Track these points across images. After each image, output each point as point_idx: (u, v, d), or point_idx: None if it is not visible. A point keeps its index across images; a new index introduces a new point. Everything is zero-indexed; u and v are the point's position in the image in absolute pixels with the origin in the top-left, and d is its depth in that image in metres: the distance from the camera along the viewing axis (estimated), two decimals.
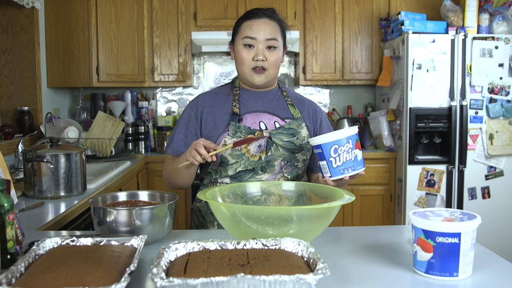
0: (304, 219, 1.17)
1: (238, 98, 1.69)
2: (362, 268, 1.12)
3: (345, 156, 1.34)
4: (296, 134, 1.65)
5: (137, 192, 1.43)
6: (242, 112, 1.67)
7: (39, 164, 1.98)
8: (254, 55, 1.62)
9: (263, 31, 1.61)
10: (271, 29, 1.63)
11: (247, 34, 1.61)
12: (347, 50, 3.94)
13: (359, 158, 1.36)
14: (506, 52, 3.46)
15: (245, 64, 1.63)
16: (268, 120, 1.66)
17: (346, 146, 1.34)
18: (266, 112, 1.68)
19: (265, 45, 1.61)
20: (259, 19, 1.63)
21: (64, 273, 0.88)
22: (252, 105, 1.69)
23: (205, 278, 0.83)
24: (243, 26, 1.64)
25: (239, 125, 1.62)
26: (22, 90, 3.25)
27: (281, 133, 1.63)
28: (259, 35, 1.61)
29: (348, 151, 1.34)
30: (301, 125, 1.67)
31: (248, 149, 1.60)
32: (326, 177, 1.41)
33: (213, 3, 3.81)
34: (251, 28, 1.62)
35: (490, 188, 3.51)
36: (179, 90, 4.23)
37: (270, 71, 1.64)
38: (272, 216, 1.17)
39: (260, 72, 1.63)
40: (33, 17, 3.22)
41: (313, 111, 1.75)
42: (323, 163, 1.37)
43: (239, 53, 1.64)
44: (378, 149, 3.84)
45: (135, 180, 3.23)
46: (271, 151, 1.61)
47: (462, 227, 1.01)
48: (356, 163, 1.35)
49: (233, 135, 1.60)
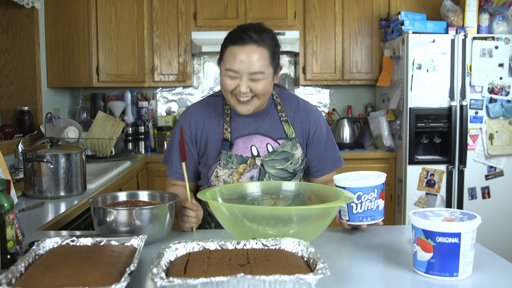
0: (304, 219, 1.17)
1: (229, 120, 1.60)
2: (362, 268, 1.12)
3: (367, 204, 1.31)
4: (290, 158, 1.59)
5: (137, 192, 1.43)
6: (233, 137, 1.59)
7: (39, 164, 1.98)
8: (236, 86, 1.47)
9: (246, 63, 1.44)
10: (257, 60, 1.45)
11: (229, 67, 1.46)
12: (347, 50, 3.94)
13: (380, 208, 1.33)
14: (506, 52, 3.46)
15: (228, 92, 1.51)
16: (260, 143, 1.59)
17: (371, 195, 1.31)
18: (258, 133, 1.60)
19: (249, 78, 1.46)
20: (244, 46, 1.45)
21: (64, 273, 0.88)
22: (244, 127, 1.61)
23: (205, 278, 0.83)
24: (227, 53, 1.48)
25: (231, 154, 1.56)
26: (22, 90, 3.25)
27: (274, 159, 1.57)
28: (243, 67, 1.44)
29: (371, 200, 1.31)
30: (295, 146, 1.60)
31: (240, 180, 1.57)
32: (344, 219, 1.37)
33: (213, 3, 3.81)
34: (234, 59, 1.45)
35: (490, 188, 3.51)
36: (179, 90, 4.23)
37: (256, 100, 1.51)
38: (273, 216, 1.17)
39: (245, 103, 1.50)
40: (33, 17, 3.22)
41: (307, 120, 1.64)
42: (343, 206, 1.34)
43: (222, 79, 1.51)
44: (378, 149, 3.84)
45: (135, 180, 3.23)
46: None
47: (462, 227, 1.01)
48: (376, 212, 1.32)
49: (224, 166, 1.57)
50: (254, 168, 1.57)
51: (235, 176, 1.57)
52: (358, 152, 3.77)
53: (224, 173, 1.57)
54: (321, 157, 1.66)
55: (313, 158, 1.66)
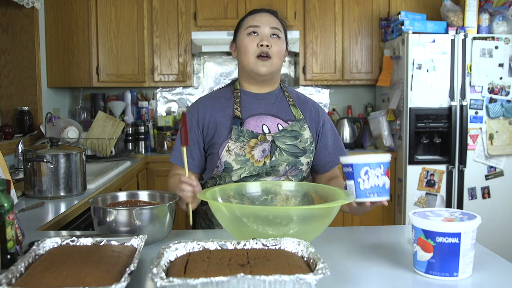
0: (304, 219, 1.17)
1: (239, 101, 1.66)
2: (362, 268, 1.12)
3: (374, 180, 1.31)
4: (299, 136, 1.63)
5: (137, 192, 1.43)
6: (244, 116, 1.64)
7: (39, 164, 1.98)
8: (259, 41, 1.60)
9: (267, 20, 1.63)
10: (274, 21, 1.65)
11: (251, 24, 1.63)
12: (347, 50, 3.94)
13: (387, 187, 1.33)
14: (506, 52, 3.46)
15: (249, 52, 1.61)
16: (271, 123, 1.64)
17: (377, 171, 1.31)
18: (269, 114, 1.66)
19: (269, 33, 1.62)
20: (261, 12, 1.66)
21: (64, 273, 0.88)
22: (254, 108, 1.66)
23: (205, 278, 0.83)
24: (246, 20, 1.66)
25: (242, 129, 1.59)
26: (22, 90, 3.26)
27: (284, 136, 1.62)
28: (263, 23, 1.62)
29: (378, 175, 1.31)
30: (303, 127, 1.65)
31: (252, 154, 1.58)
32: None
33: (213, 3, 3.81)
34: (254, 19, 1.63)
35: (490, 188, 3.51)
36: (179, 90, 4.23)
37: (274, 60, 1.62)
38: (273, 216, 1.17)
39: (264, 59, 1.60)
40: (33, 17, 3.22)
41: (316, 112, 1.72)
42: (351, 183, 1.33)
43: (243, 42, 1.63)
44: (378, 149, 3.84)
45: (135, 180, 3.23)
46: (275, 156, 1.59)
47: (462, 227, 1.01)
48: (383, 190, 1.32)
49: (236, 139, 1.58)
50: (265, 143, 1.59)
51: (246, 149, 1.58)
52: (358, 152, 3.77)
53: (236, 146, 1.58)
54: (329, 149, 1.71)
55: (322, 149, 1.70)
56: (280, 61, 1.65)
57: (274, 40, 1.62)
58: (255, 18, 1.64)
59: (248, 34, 1.62)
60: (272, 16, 1.67)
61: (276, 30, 1.63)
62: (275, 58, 1.62)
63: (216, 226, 1.67)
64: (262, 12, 1.66)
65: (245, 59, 1.63)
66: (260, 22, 1.62)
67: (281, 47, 1.64)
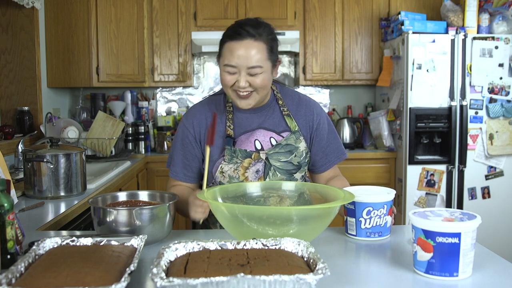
0: (304, 219, 1.17)
1: (232, 117, 1.61)
2: (362, 268, 1.12)
3: (376, 220, 1.30)
4: (294, 150, 1.59)
5: (137, 192, 1.43)
6: (236, 134, 1.59)
7: (39, 164, 1.98)
8: (235, 81, 1.49)
9: (244, 58, 1.45)
10: (254, 54, 1.46)
11: (227, 62, 1.48)
12: (347, 50, 3.94)
13: (388, 225, 1.33)
14: (506, 52, 3.46)
15: (228, 87, 1.52)
16: (263, 137, 1.59)
17: (380, 211, 1.30)
18: (261, 128, 1.61)
19: (247, 72, 1.47)
20: (242, 41, 1.46)
21: (64, 273, 0.88)
22: (247, 124, 1.61)
23: (205, 278, 0.83)
24: (225, 49, 1.50)
25: (235, 149, 1.56)
26: (22, 90, 3.25)
27: (278, 152, 1.58)
28: (240, 62, 1.46)
29: (380, 216, 1.30)
30: (298, 139, 1.61)
31: (246, 176, 1.57)
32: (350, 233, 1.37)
33: (213, 3, 3.81)
34: (231, 54, 1.47)
35: (490, 188, 3.51)
36: (179, 90, 4.23)
37: (256, 95, 1.52)
38: (273, 216, 1.17)
39: (244, 97, 1.51)
40: (33, 17, 3.22)
41: (310, 113, 1.65)
42: (352, 220, 1.33)
43: (221, 75, 1.52)
44: (378, 149, 3.84)
45: (135, 180, 3.22)
46: (269, 177, 1.57)
47: (462, 227, 1.01)
48: (384, 229, 1.32)
49: (229, 160, 1.56)
50: (259, 162, 1.57)
51: (240, 170, 1.56)
52: (358, 152, 3.76)
53: (229, 168, 1.56)
54: (325, 150, 1.67)
55: (317, 152, 1.66)
56: (264, 90, 1.53)
57: (254, 77, 1.48)
58: (233, 52, 1.46)
59: (225, 71, 1.50)
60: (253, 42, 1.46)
61: (255, 69, 1.47)
62: (256, 93, 1.52)
63: (211, 224, 1.67)
64: (241, 41, 1.46)
65: (225, 90, 1.55)
66: (237, 61, 1.46)
67: (264, 77, 1.49)
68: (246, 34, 1.47)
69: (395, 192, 1.36)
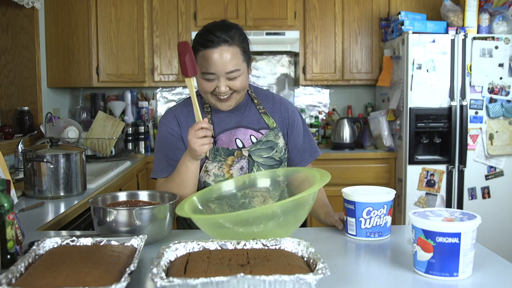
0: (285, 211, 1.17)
1: (210, 117, 1.62)
2: (362, 268, 1.12)
3: (376, 220, 1.30)
4: (275, 146, 1.61)
5: (137, 192, 1.43)
6: (216, 133, 1.60)
7: (39, 164, 1.98)
8: (215, 87, 1.50)
9: (221, 64, 1.46)
10: (230, 59, 1.47)
11: (205, 70, 1.48)
12: (347, 50, 3.94)
13: (388, 225, 1.33)
14: (506, 52, 3.46)
15: (208, 94, 1.53)
16: (243, 135, 1.61)
17: (380, 211, 1.30)
18: (240, 126, 1.62)
19: (226, 77, 1.49)
20: (216, 48, 1.46)
21: (64, 273, 0.88)
22: (226, 122, 1.62)
23: (205, 278, 0.83)
24: (200, 57, 1.49)
25: (217, 148, 1.57)
26: (22, 90, 3.26)
27: (259, 148, 1.59)
28: (218, 69, 1.47)
29: (380, 215, 1.30)
30: (277, 135, 1.63)
31: (231, 173, 1.57)
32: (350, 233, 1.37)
33: (213, 3, 3.81)
34: (208, 62, 1.47)
35: (490, 188, 3.51)
36: (179, 90, 4.23)
37: (236, 95, 1.54)
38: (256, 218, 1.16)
39: (225, 100, 1.53)
40: (33, 17, 3.22)
41: (285, 110, 1.68)
42: (352, 220, 1.33)
43: (199, 82, 1.53)
44: (378, 149, 3.83)
45: (135, 180, 3.22)
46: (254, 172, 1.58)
47: (462, 227, 1.01)
48: (384, 229, 1.32)
49: (213, 159, 1.57)
50: (242, 159, 1.58)
51: (224, 168, 1.58)
52: (358, 152, 3.76)
53: (214, 166, 1.57)
54: (300, 148, 1.69)
55: (293, 149, 1.68)
56: (243, 90, 1.55)
57: (233, 81, 1.50)
58: (209, 61, 1.46)
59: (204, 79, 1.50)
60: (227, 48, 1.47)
61: (233, 73, 1.48)
62: (237, 93, 1.54)
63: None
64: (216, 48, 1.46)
65: (205, 96, 1.56)
66: (214, 69, 1.46)
67: (242, 79, 1.51)
68: (219, 41, 1.46)
69: (395, 192, 1.36)
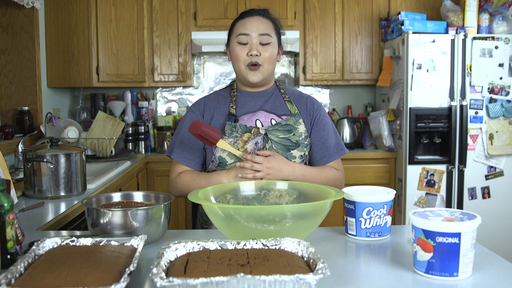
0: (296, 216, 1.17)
1: (235, 99, 1.71)
2: (362, 268, 1.12)
3: (376, 220, 1.30)
4: (293, 130, 1.65)
5: (132, 193, 1.42)
6: (239, 113, 1.68)
7: (39, 164, 1.98)
8: (248, 50, 1.63)
9: (256, 26, 1.64)
10: (264, 26, 1.65)
11: (240, 31, 1.64)
12: (347, 50, 3.94)
13: (388, 225, 1.33)
14: (506, 52, 3.46)
15: (240, 61, 1.65)
16: (264, 118, 1.67)
17: (380, 211, 1.30)
18: (263, 110, 1.70)
19: (258, 40, 1.63)
20: (252, 17, 1.66)
21: (64, 273, 0.88)
22: (249, 105, 1.71)
23: (205, 278, 0.83)
24: (237, 25, 1.67)
25: (235, 124, 1.63)
26: (22, 90, 3.25)
27: (277, 129, 1.64)
28: (252, 30, 1.63)
29: (380, 215, 1.30)
30: (298, 121, 1.67)
31: (245, 148, 1.61)
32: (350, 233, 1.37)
33: (213, 3, 3.81)
34: (244, 26, 1.65)
35: (490, 188, 3.51)
36: (179, 90, 4.23)
37: (265, 66, 1.65)
38: (267, 214, 1.17)
39: (254, 68, 1.64)
40: (33, 17, 3.22)
41: (311, 105, 1.75)
42: (352, 220, 1.33)
43: (234, 50, 1.67)
44: (378, 149, 3.83)
45: (135, 180, 3.22)
46: (267, 149, 1.61)
47: (462, 227, 1.01)
48: (384, 229, 1.32)
49: (229, 134, 1.62)
50: (258, 136, 1.62)
51: (239, 143, 1.62)
52: (358, 152, 3.76)
53: (229, 142, 1.61)
54: (325, 141, 1.71)
55: (317, 142, 1.71)
56: (271, 66, 1.68)
57: (264, 48, 1.64)
58: (245, 24, 1.65)
59: (238, 42, 1.65)
60: (262, 18, 1.67)
61: (265, 37, 1.64)
62: (265, 64, 1.65)
63: (211, 226, 1.67)
64: (252, 17, 1.66)
65: (236, 66, 1.68)
66: (249, 29, 1.64)
67: (272, 51, 1.66)
68: (255, 13, 1.67)
69: (395, 192, 1.36)
